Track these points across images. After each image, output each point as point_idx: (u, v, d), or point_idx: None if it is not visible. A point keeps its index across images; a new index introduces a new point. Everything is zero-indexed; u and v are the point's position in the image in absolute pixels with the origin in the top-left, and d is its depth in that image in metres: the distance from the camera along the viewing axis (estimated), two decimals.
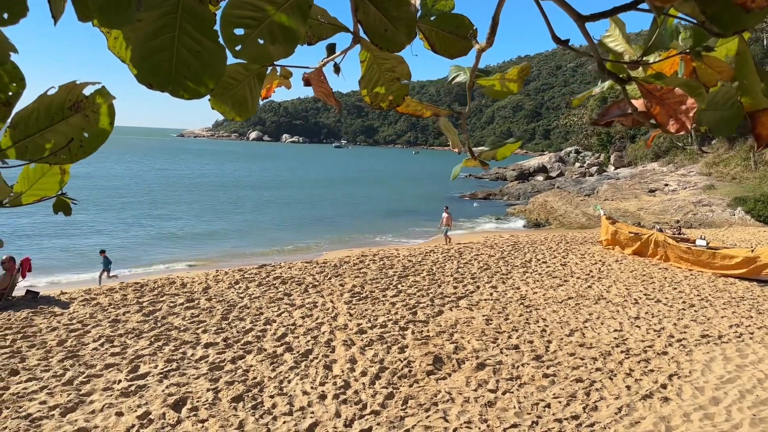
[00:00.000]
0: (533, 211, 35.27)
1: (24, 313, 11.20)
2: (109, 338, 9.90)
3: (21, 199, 1.37)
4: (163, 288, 13.49)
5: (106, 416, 7.18)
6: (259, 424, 7.10)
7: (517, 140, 2.03)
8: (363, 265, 16.70)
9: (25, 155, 1.19)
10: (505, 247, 20.35)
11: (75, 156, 1.22)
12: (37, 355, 9.09)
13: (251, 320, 11.18)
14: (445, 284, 14.44)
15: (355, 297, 13.04)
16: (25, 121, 1.16)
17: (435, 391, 8.14)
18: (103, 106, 1.20)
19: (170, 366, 8.77)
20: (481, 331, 10.72)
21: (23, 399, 7.56)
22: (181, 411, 7.37)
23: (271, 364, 8.99)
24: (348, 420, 7.24)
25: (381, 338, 10.20)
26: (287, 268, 16.26)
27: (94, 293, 12.89)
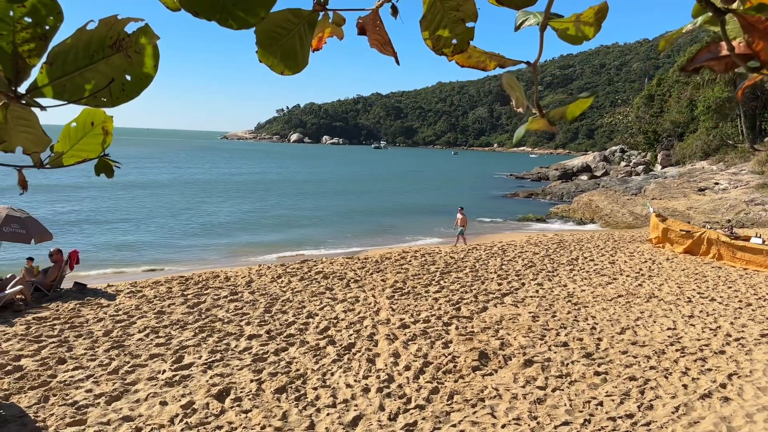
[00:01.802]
0: (577, 210, 34.50)
1: (72, 304, 11.40)
2: (154, 329, 9.98)
3: (62, 159, 1.27)
4: (208, 281, 13.60)
5: (150, 405, 7.18)
6: (302, 415, 6.99)
7: (590, 95, 1.81)
8: (404, 262, 16.54)
9: (63, 95, 1.07)
10: (550, 245, 19.90)
11: (116, 100, 1.09)
12: (84, 344, 9.21)
13: (294, 313, 11.14)
14: (489, 281, 14.16)
15: (397, 292, 12.89)
16: (63, 58, 1.04)
17: (481, 387, 7.91)
18: (148, 47, 1.07)
19: (214, 357, 8.77)
20: (527, 328, 10.42)
21: (70, 387, 7.63)
22: (224, 401, 7.33)
23: (314, 356, 8.90)
24: (392, 413, 7.07)
25: (424, 333, 10.01)
26: (329, 264, 16.22)
27: (140, 286, 13.08)
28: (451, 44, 1.57)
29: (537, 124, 1.89)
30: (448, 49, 1.61)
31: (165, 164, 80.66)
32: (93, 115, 1.24)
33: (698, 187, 38.94)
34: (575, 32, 1.75)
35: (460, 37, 1.56)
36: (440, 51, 1.63)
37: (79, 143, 1.25)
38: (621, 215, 31.78)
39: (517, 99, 1.99)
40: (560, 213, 34.36)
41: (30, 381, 7.75)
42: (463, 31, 1.54)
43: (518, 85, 1.92)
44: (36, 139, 1.18)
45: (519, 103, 2.00)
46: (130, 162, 70.53)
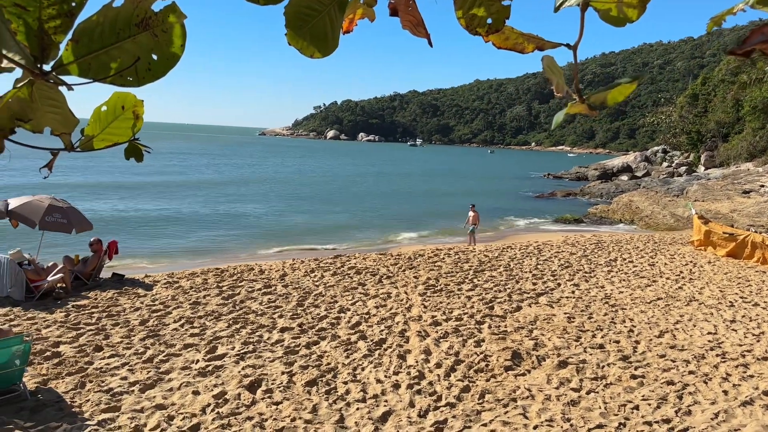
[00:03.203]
0: (617, 211, 33.77)
1: (110, 293, 11.65)
2: (189, 319, 10.12)
3: (92, 143, 1.25)
4: (242, 274, 13.75)
5: (183, 394, 7.27)
6: (332, 409, 6.99)
7: (632, 80, 1.71)
8: (437, 259, 16.43)
9: (89, 73, 1.04)
10: (587, 246, 19.53)
11: (142, 79, 1.07)
12: (121, 333, 9.39)
13: (326, 307, 11.17)
14: (523, 280, 13.96)
15: (429, 289, 12.80)
16: (88, 35, 1.01)
17: (513, 387, 7.79)
18: (176, 26, 1.04)
19: (247, 348, 8.84)
20: (562, 329, 10.23)
21: (106, 374, 7.78)
22: (256, 392, 7.38)
23: (345, 351, 8.90)
24: (422, 410, 7.01)
25: (456, 331, 9.92)
26: (361, 259, 16.23)
27: (176, 276, 13.30)
28: (486, 24, 1.50)
29: (577, 108, 1.79)
30: (483, 28, 1.53)
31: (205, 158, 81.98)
32: (123, 99, 1.21)
33: (743, 189, 37.71)
34: (617, 13, 1.66)
35: (496, 16, 1.48)
36: (474, 30, 1.56)
37: (109, 127, 1.24)
38: (662, 217, 31.01)
39: (557, 83, 1.89)
40: (599, 213, 33.68)
41: (67, 367, 7.93)
42: (498, 9, 1.47)
43: (559, 69, 1.83)
44: (63, 119, 1.16)
45: (559, 87, 1.90)
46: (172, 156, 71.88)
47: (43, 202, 11.81)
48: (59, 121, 1.17)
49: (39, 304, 10.77)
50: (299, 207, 34.12)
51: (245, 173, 60.33)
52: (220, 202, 34.48)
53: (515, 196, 44.97)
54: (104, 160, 58.31)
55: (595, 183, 51.83)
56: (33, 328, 9.38)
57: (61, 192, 14.76)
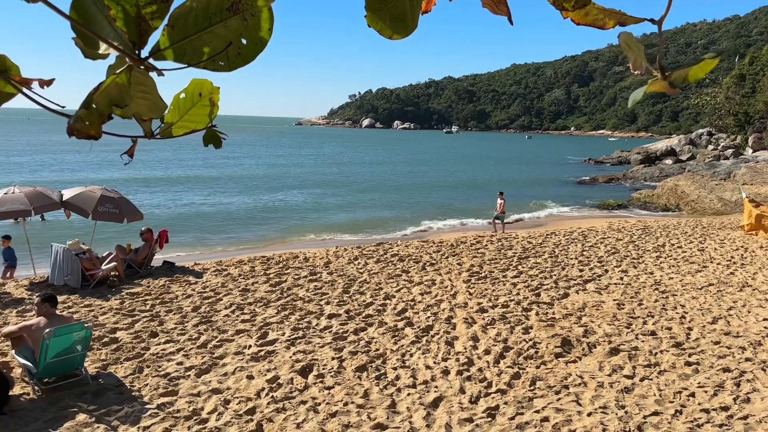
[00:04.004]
0: (661, 195, 32.98)
1: (162, 281, 11.95)
2: (240, 306, 10.32)
3: (171, 130, 1.27)
4: (288, 261, 13.93)
5: (237, 379, 7.43)
6: (383, 394, 7.05)
7: (715, 56, 1.65)
8: (480, 246, 16.35)
9: (183, 58, 1.06)
10: (634, 231, 19.14)
11: (233, 63, 1.09)
12: (174, 319, 9.63)
13: (371, 294, 11.24)
14: (569, 267, 13.78)
15: (473, 276, 12.76)
16: (183, 20, 1.03)
17: (565, 374, 7.72)
18: (264, 10, 1.05)
19: (296, 334, 8.98)
20: (612, 316, 10.08)
21: (162, 359, 8.00)
22: (307, 377, 7.49)
23: (393, 337, 8.95)
24: (473, 397, 7.02)
25: (503, 318, 9.87)
26: (404, 247, 16.26)
27: (224, 264, 13.56)
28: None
29: (656, 86, 1.73)
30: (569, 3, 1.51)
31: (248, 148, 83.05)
32: (201, 86, 1.23)
33: None
34: None
35: None
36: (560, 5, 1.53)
37: (187, 114, 1.26)
38: (709, 201, 30.16)
39: (635, 60, 1.84)
40: (643, 198, 32.96)
41: (125, 353, 8.18)
42: None
43: (638, 44, 1.78)
44: (153, 105, 1.19)
45: (637, 64, 1.85)
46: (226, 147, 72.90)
47: (95, 193, 12.16)
48: (148, 106, 1.20)
49: (94, 291, 11.13)
50: (338, 195, 34.32)
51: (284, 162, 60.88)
52: (262, 191, 34.91)
53: (555, 182, 44.32)
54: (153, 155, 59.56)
55: (638, 167, 50.69)
56: (90, 315, 9.70)
57: (112, 186, 15.12)
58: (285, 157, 70.07)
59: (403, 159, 72.64)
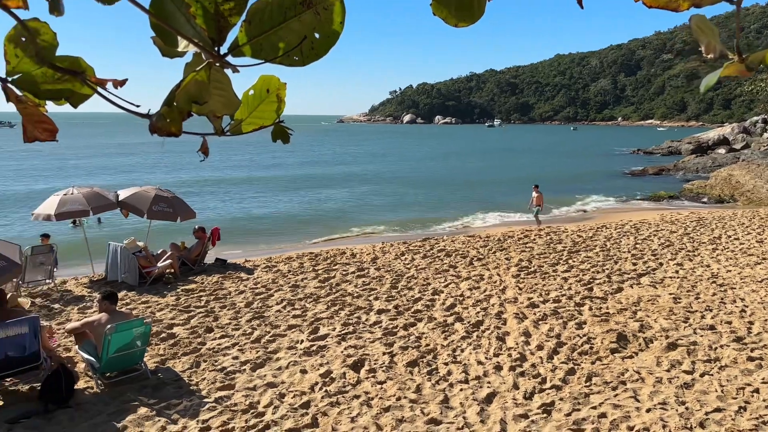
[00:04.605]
0: (715, 186, 31.87)
1: (215, 277, 12.22)
2: (291, 302, 10.46)
3: (241, 127, 1.29)
4: (336, 258, 14.05)
5: (291, 373, 7.53)
6: (436, 389, 7.03)
7: None
8: (528, 240, 16.13)
9: (260, 54, 1.08)
10: (688, 223, 18.57)
11: (306, 58, 1.09)
12: (228, 315, 9.83)
13: (419, 290, 11.23)
14: (622, 260, 13.46)
15: (522, 271, 12.60)
16: (260, 16, 1.04)
17: (621, 370, 7.55)
18: (336, 3, 1.05)
19: (347, 329, 9.05)
20: (668, 310, 9.81)
21: (218, 354, 8.18)
22: (360, 372, 7.54)
23: (443, 332, 8.93)
24: (528, 393, 6.93)
25: (555, 313, 9.71)
26: (450, 242, 16.18)
27: (274, 261, 13.78)
28: None
29: (731, 69, 1.65)
30: None
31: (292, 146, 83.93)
32: (268, 83, 1.24)
33: None
34: None
35: None
36: None
37: (256, 110, 1.27)
38: (766, 191, 29.00)
39: (709, 43, 1.76)
40: (695, 189, 31.92)
41: (182, 347, 8.39)
42: None
43: (711, 27, 1.70)
44: (228, 101, 1.20)
45: (710, 48, 1.76)
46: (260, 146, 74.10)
47: (149, 193, 12.51)
48: (223, 103, 1.21)
49: (151, 288, 11.46)
50: (381, 190, 34.39)
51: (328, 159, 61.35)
52: (307, 188, 35.28)
53: (603, 174, 43.33)
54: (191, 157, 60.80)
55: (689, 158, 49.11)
56: (148, 312, 9.99)
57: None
58: (328, 154, 70.59)
59: (445, 153, 72.24)
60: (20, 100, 1.30)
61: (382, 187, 36.19)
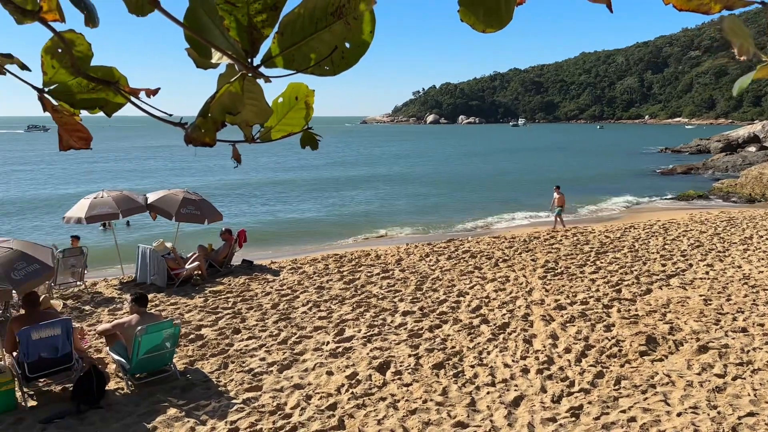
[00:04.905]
0: (745, 185, 31.18)
1: (242, 279, 12.34)
2: (316, 303, 10.52)
3: (270, 134, 1.31)
4: (360, 259, 14.09)
5: (317, 374, 7.58)
6: (462, 392, 7.01)
7: None
8: (555, 241, 15.98)
9: (292, 64, 1.09)
10: (718, 223, 18.22)
11: (337, 68, 1.10)
12: (255, 316, 9.92)
13: (444, 291, 11.20)
14: (651, 261, 13.26)
15: (549, 272, 12.49)
16: (291, 27, 1.05)
17: (651, 373, 7.44)
18: (366, 13, 1.06)
19: (372, 331, 9.06)
20: (699, 312, 9.64)
21: (245, 355, 8.26)
22: (385, 374, 7.54)
23: (469, 334, 8.89)
24: (555, 396, 6.87)
25: (583, 315, 9.61)
26: (475, 243, 16.11)
27: (299, 262, 13.87)
28: None
29: (765, 71, 1.62)
30: None
31: None
32: (297, 90, 1.26)
33: None
34: None
35: None
36: None
37: (285, 117, 1.29)
38: None
39: (741, 46, 1.72)
40: (725, 188, 31.28)
41: (210, 349, 8.49)
42: None
43: (744, 29, 1.66)
44: (260, 111, 1.22)
45: (743, 50, 1.73)
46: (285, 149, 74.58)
47: (177, 196, 12.68)
48: (255, 112, 1.23)
49: (179, 290, 11.61)
50: (404, 191, 34.36)
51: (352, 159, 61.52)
52: (331, 189, 35.42)
53: (630, 174, 42.74)
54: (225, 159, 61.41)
55: (718, 156, 48.16)
56: (177, 313, 10.13)
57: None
58: (352, 155, 70.78)
59: (468, 153, 71.92)
60: (56, 109, 1.34)
61: (406, 188, 36.16)
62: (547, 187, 28.02)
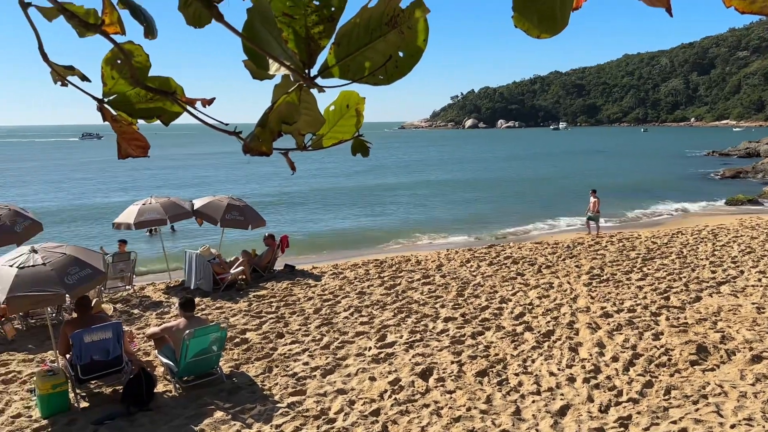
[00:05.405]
0: None
1: (284, 284, 12.48)
2: (357, 308, 10.56)
3: (322, 141, 1.32)
4: (401, 265, 14.09)
5: (360, 380, 7.60)
6: (507, 400, 6.93)
7: None
8: (599, 247, 15.68)
9: (348, 74, 1.11)
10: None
11: (391, 76, 1.11)
12: (298, 321, 10.02)
13: (486, 298, 11.11)
14: (700, 268, 12.88)
15: (594, 279, 12.26)
16: (347, 38, 1.07)
17: (702, 383, 7.22)
18: (420, 21, 1.06)
19: (414, 337, 9.05)
20: (752, 321, 9.31)
21: (289, 359, 8.34)
22: (428, 380, 7.52)
23: (512, 342, 8.79)
24: (603, 405, 6.73)
25: (630, 323, 9.39)
26: (517, 248, 15.93)
27: (340, 268, 13.96)
28: None
29: None
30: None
31: None
32: (349, 98, 1.27)
33: None
34: None
35: None
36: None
37: (336, 125, 1.30)
38: None
39: None
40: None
41: (255, 352, 8.61)
42: None
43: None
44: (313, 120, 1.24)
45: None
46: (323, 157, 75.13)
47: (222, 202, 12.93)
48: (309, 122, 1.24)
49: (224, 294, 11.82)
50: (443, 195, 34.21)
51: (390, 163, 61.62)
52: (370, 194, 35.55)
53: (676, 177, 41.64)
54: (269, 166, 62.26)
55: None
56: (222, 317, 10.31)
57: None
58: (391, 159, 70.88)
59: (508, 157, 71.19)
60: (115, 119, 1.39)
61: (445, 193, 36.00)
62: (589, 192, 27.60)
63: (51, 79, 1.40)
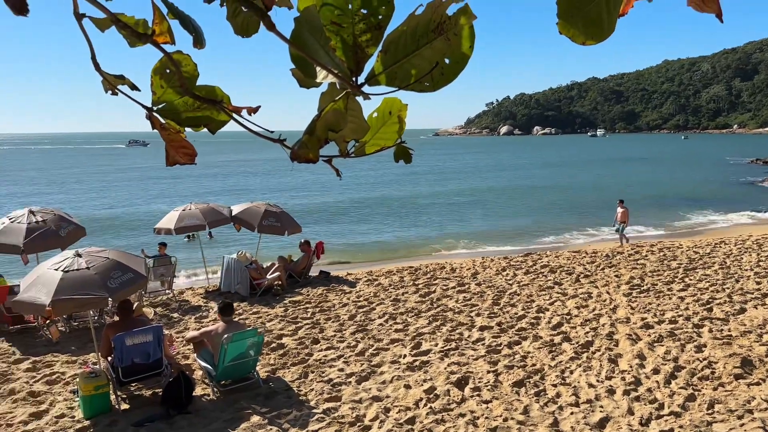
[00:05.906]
0: None
1: (319, 290, 12.56)
2: (392, 315, 10.56)
3: (365, 148, 1.33)
4: (435, 272, 14.04)
5: (395, 387, 7.58)
6: (544, 411, 6.83)
7: None
8: (639, 256, 15.36)
9: (394, 81, 1.12)
10: None
11: (437, 83, 1.11)
12: (333, 327, 10.06)
13: (523, 307, 10.98)
14: (744, 279, 12.51)
15: (634, 289, 12.00)
16: (395, 45, 1.08)
17: (747, 398, 7.00)
18: (465, 27, 1.06)
19: (449, 345, 8.99)
20: None
21: (324, 365, 8.37)
22: (464, 389, 7.46)
23: (550, 352, 8.66)
24: (644, 419, 6.57)
25: (672, 335, 9.16)
26: (554, 257, 15.72)
27: (375, 274, 13.98)
28: None
29: None
30: None
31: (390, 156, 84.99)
32: (391, 105, 1.27)
33: None
34: None
35: None
36: None
37: (378, 132, 1.30)
38: None
39: None
40: None
41: (291, 358, 8.67)
42: None
43: None
44: (358, 127, 1.24)
45: None
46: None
47: (260, 208, 13.10)
48: (353, 129, 1.25)
49: (261, 299, 11.95)
50: (479, 203, 34.00)
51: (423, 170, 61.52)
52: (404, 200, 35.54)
53: (718, 185, 40.59)
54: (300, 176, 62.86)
55: None
56: (259, 322, 10.42)
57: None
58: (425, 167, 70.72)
59: (544, 164, 70.35)
60: (164, 127, 1.43)
61: (480, 200, 35.78)
62: (631, 200, 27.07)
63: (102, 87, 1.44)
